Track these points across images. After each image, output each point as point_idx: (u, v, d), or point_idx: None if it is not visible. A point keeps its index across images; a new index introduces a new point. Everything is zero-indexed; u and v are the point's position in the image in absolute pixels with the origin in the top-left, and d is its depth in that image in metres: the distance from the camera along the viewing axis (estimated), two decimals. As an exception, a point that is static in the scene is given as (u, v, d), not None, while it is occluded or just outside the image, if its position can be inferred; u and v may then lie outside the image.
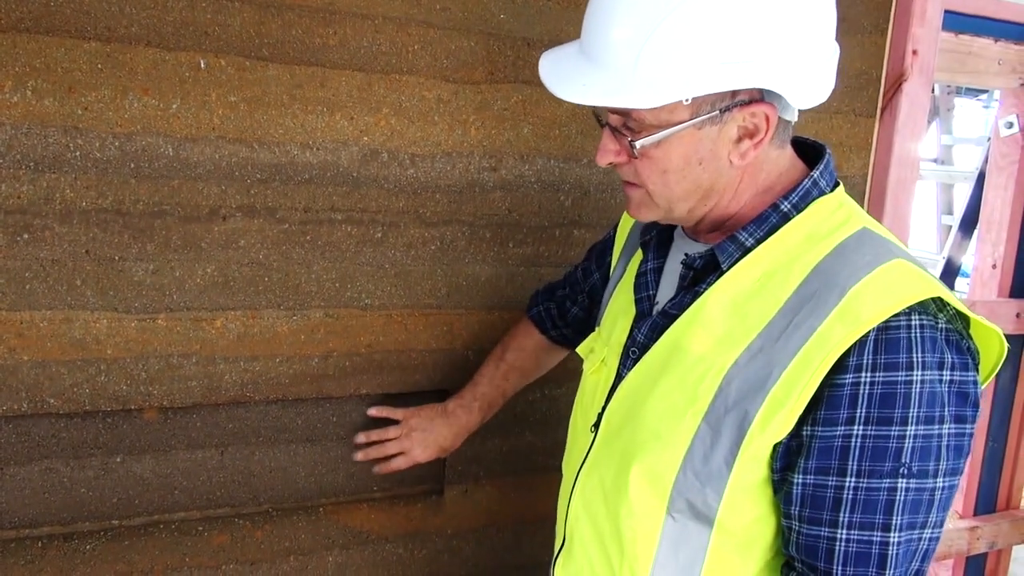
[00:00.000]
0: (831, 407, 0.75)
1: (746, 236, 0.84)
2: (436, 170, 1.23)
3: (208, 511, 1.21)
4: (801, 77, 0.79)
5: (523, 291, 1.33)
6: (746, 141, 0.81)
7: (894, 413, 0.74)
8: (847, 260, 0.78)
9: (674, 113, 0.78)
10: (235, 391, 1.18)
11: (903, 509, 0.75)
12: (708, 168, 0.82)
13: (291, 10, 1.11)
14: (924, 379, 0.74)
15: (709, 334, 0.82)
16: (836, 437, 0.75)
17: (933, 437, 0.74)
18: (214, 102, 1.09)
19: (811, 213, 0.83)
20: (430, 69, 1.20)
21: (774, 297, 0.80)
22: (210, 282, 1.13)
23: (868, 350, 0.74)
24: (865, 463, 0.75)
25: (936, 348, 0.74)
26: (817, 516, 0.77)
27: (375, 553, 1.32)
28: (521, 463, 1.40)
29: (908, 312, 0.74)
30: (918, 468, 0.74)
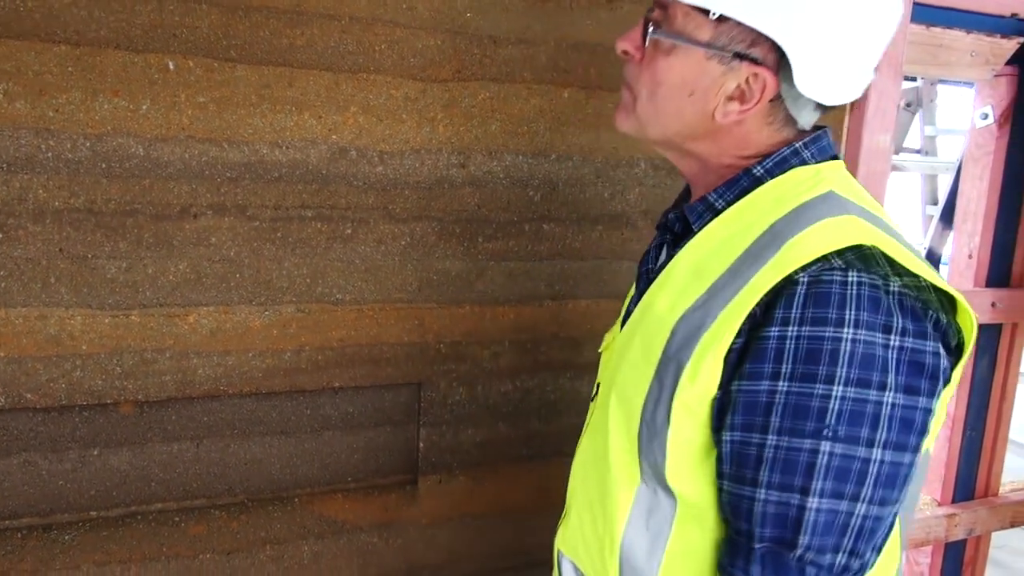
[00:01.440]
0: (756, 360, 0.73)
1: (715, 197, 0.85)
2: (405, 167, 1.26)
3: (184, 502, 1.24)
4: (821, 63, 0.78)
5: (493, 285, 1.36)
6: (735, 103, 0.81)
7: (819, 370, 0.70)
8: (799, 218, 0.77)
9: (698, 30, 0.79)
10: (209, 385, 1.20)
11: (825, 474, 0.71)
12: (694, 106, 0.82)
13: (258, 12, 1.13)
14: (857, 338, 0.70)
15: (672, 292, 0.83)
16: (760, 392, 0.73)
17: (867, 403, 0.70)
18: (183, 103, 1.12)
19: (785, 179, 0.82)
20: (397, 68, 1.22)
21: (729, 254, 0.79)
22: (182, 279, 1.16)
23: (797, 303, 0.71)
24: (787, 420, 0.72)
25: (879, 308, 0.71)
26: (741, 474, 0.75)
27: (350, 542, 1.35)
28: (495, 453, 1.43)
29: (845, 267, 0.71)
30: (845, 433, 0.70)
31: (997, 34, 1.79)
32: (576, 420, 1.47)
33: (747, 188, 0.84)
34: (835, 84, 0.80)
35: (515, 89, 1.31)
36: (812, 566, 0.73)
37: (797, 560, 0.73)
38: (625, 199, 1.43)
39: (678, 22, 0.80)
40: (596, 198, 1.42)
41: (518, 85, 1.31)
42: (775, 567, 0.74)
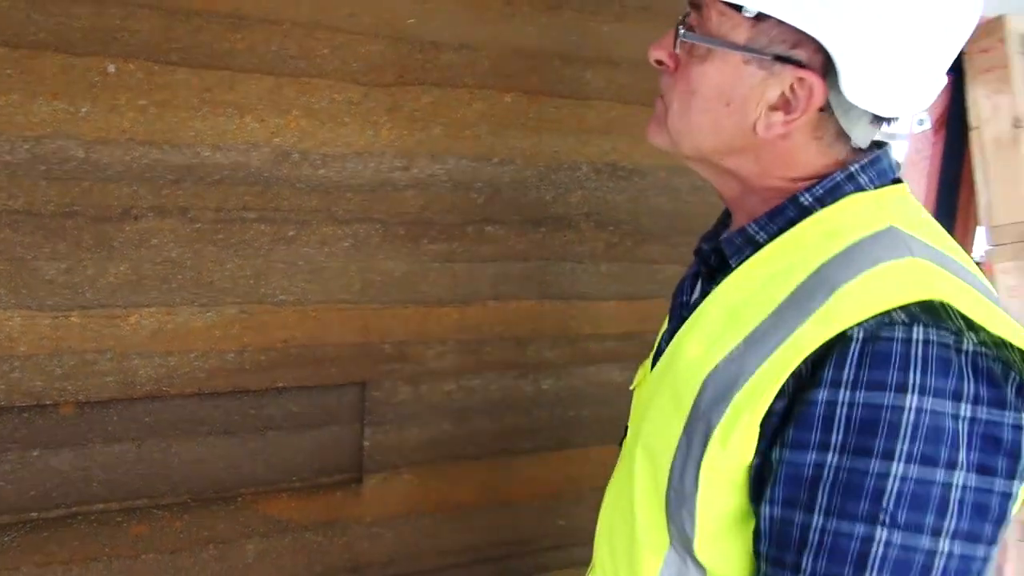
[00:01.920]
0: (802, 427, 0.63)
1: (756, 229, 0.75)
2: (348, 170, 1.28)
3: (127, 502, 1.25)
4: (873, 67, 0.68)
5: (437, 286, 1.38)
6: (779, 113, 0.71)
7: (875, 443, 0.60)
8: (854, 258, 0.66)
9: (734, 31, 0.71)
10: (151, 386, 1.21)
11: (880, 567, 0.60)
12: (732, 117, 0.73)
13: (199, 16, 1.14)
14: (923, 408, 0.60)
15: (704, 336, 0.73)
16: (806, 465, 0.63)
17: (933, 484, 0.59)
18: (124, 105, 1.12)
19: (838, 209, 0.72)
20: (339, 72, 1.24)
21: (771, 297, 0.69)
22: (123, 280, 1.17)
23: (851, 363, 0.61)
24: (836, 500, 0.61)
25: (949, 372, 0.60)
26: (782, 558, 0.64)
27: (295, 541, 1.37)
28: (438, 452, 1.45)
29: (908, 321, 0.61)
30: (906, 519, 0.59)
31: (931, 44, 1.86)
32: (520, 419, 1.51)
33: (793, 219, 0.73)
34: (891, 92, 0.69)
35: (458, 94, 1.33)
36: None
37: None
38: (567, 202, 1.47)
39: (713, 23, 0.72)
40: (539, 201, 1.45)
41: (460, 90, 1.33)
42: None
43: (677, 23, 0.75)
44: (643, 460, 0.76)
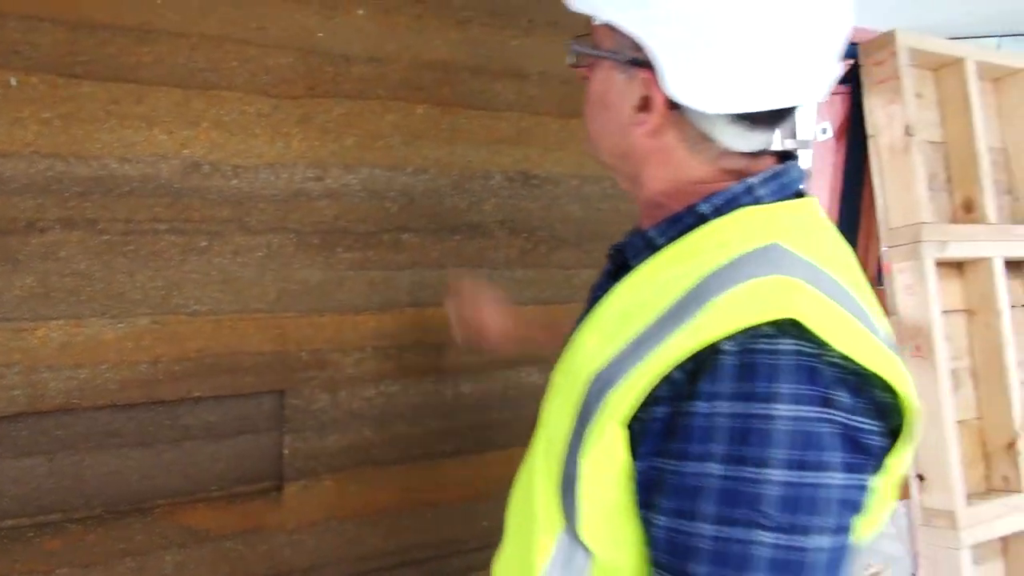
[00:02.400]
0: (683, 439, 0.65)
1: (656, 234, 0.78)
2: (260, 180, 1.30)
3: (38, 517, 1.24)
4: (695, 65, 0.70)
5: (354, 294, 1.41)
6: (642, 114, 0.75)
7: (749, 452, 0.63)
8: (733, 272, 0.68)
9: (605, 39, 0.76)
10: (61, 398, 1.21)
11: (767, 567, 0.63)
12: (613, 120, 0.78)
13: (104, 29, 1.15)
14: (795, 415, 0.63)
15: (599, 333, 0.75)
16: (689, 475, 0.65)
17: (805, 486, 0.63)
18: (27, 118, 1.12)
19: (731, 220, 0.74)
20: (249, 85, 1.26)
21: (659, 303, 0.71)
22: (29, 293, 1.16)
23: (723, 376, 0.64)
24: (721, 508, 0.64)
25: (817, 380, 0.64)
26: (675, 566, 0.67)
27: (214, 550, 1.37)
28: (359, 458, 1.47)
29: (776, 335, 0.64)
30: (785, 522, 0.63)
31: (829, 56, 1.96)
32: (440, 423, 1.54)
33: (691, 226, 0.75)
34: (716, 89, 0.71)
35: (369, 105, 1.37)
36: None
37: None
38: (481, 210, 1.51)
39: (597, 36, 0.78)
40: (453, 209, 1.48)
41: (372, 102, 1.37)
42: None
43: None
44: (543, 447, 0.80)
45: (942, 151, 2.08)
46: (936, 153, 2.08)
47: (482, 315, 1.28)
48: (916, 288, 1.91)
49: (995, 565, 2.06)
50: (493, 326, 1.27)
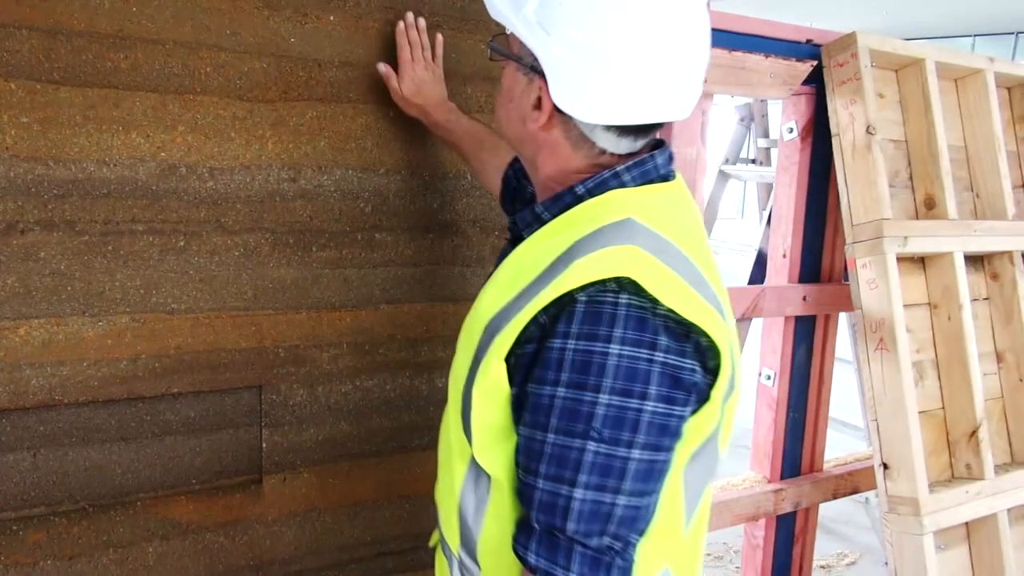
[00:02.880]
0: (542, 367, 0.83)
1: (542, 209, 0.95)
2: (236, 182, 1.34)
3: (23, 511, 1.27)
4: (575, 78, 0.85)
5: (329, 291, 1.45)
6: (536, 112, 0.91)
7: (588, 380, 0.80)
8: (593, 241, 0.84)
9: (512, 44, 0.94)
10: (43, 395, 1.24)
11: (592, 469, 0.81)
12: (514, 112, 0.95)
13: (80, 36, 1.19)
14: (623, 354, 0.80)
15: (494, 292, 0.92)
16: (544, 395, 0.83)
17: (629, 409, 0.80)
18: (6, 123, 1.16)
19: (600, 200, 0.90)
20: (223, 89, 1.30)
21: (540, 264, 0.87)
22: (11, 293, 1.20)
23: (575, 319, 0.81)
24: (563, 422, 0.82)
25: (646, 328, 0.80)
26: (528, 466, 0.85)
27: (196, 542, 1.41)
28: (337, 451, 1.51)
29: (617, 291, 0.80)
30: (609, 435, 0.80)
31: (793, 58, 2.02)
32: (416, 417, 1.58)
33: (569, 204, 0.92)
34: (595, 104, 0.86)
35: (342, 108, 1.41)
36: (579, 546, 0.84)
37: (567, 540, 0.84)
38: (454, 209, 1.55)
39: (510, 39, 0.94)
40: (426, 208, 1.53)
41: (344, 105, 1.41)
42: (549, 546, 0.85)
43: None
44: (451, 388, 0.98)
45: (904, 149, 2.14)
46: (899, 151, 2.14)
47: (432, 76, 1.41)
48: (879, 283, 1.96)
49: (959, 551, 2.12)
50: (437, 90, 1.41)
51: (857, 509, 3.69)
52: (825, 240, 2.24)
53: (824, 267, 2.25)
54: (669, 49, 0.85)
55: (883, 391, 1.98)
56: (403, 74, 1.39)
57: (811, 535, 2.46)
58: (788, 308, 2.17)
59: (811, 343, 2.30)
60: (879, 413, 2.00)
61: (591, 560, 0.83)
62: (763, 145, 3.34)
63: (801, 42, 2.04)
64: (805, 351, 2.29)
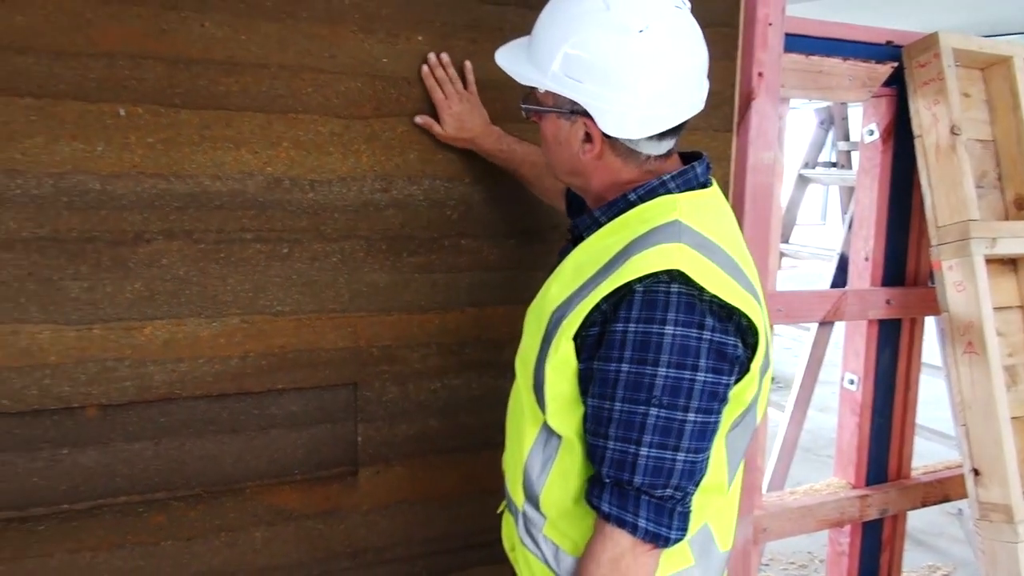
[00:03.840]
0: (607, 347, 0.99)
1: (600, 214, 1.10)
2: (333, 193, 1.44)
3: (147, 495, 1.40)
4: (616, 112, 1.02)
5: (419, 295, 1.54)
6: (588, 145, 1.08)
7: (648, 356, 0.96)
8: (647, 240, 1.01)
9: (545, 98, 1.10)
10: (165, 389, 1.37)
11: (654, 431, 0.97)
12: (565, 151, 1.10)
13: (198, 63, 1.31)
14: (677, 333, 0.95)
15: (560, 283, 1.09)
16: (610, 371, 0.98)
17: (684, 379, 0.96)
18: (134, 144, 1.29)
19: (650, 205, 1.06)
20: (323, 107, 1.41)
21: (600, 259, 1.04)
22: (138, 296, 1.33)
23: (634, 306, 0.97)
24: (628, 392, 0.97)
25: (694, 311, 0.96)
26: (597, 430, 1.01)
27: (298, 528, 1.51)
28: (426, 446, 1.60)
29: (668, 281, 0.96)
30: (668, 401, 0.96)
31: (872, 60, 2.01)
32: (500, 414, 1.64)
33: (623, 209, 1.08)
34: (636, 123, 1.03)
35: (430, 123, 1.50)
36: (645, 496, 0.99)
37: (635, 491, 0.99)
38: (535, 216, 1.62)
39: (538, 95, 1.11)
40: (509, 216, 1.60)
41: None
42: (619, 496, 1.00)
43: None
44: (520, 366, 1.16)
45: (992, 149, 2.10)
46: (986, 151, 2.10)
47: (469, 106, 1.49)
48: (966, 285, 1.94)
49: (1057, 560, 2.05)
50: (479, 118, 1.49)
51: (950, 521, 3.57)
52: (909, 243, 2.21)
53: (908, 270, 2.23)
54: (681, 60, 1.03)
55: (972, 395, 1.94)
56: (442, 114, 1.47)
57: (899, 543, 2.41)
58: (871, 312, 2.15)
59: (896, 347, 2.27)
60: (968, 418, 1.97)
61: (655, 507, 0.99)
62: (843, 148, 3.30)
63: (881, 44, 2.03)
64: (890, 355, 2.26)
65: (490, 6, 1.51)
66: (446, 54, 1.47)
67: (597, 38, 1.00)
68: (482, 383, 1.63)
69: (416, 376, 1.57)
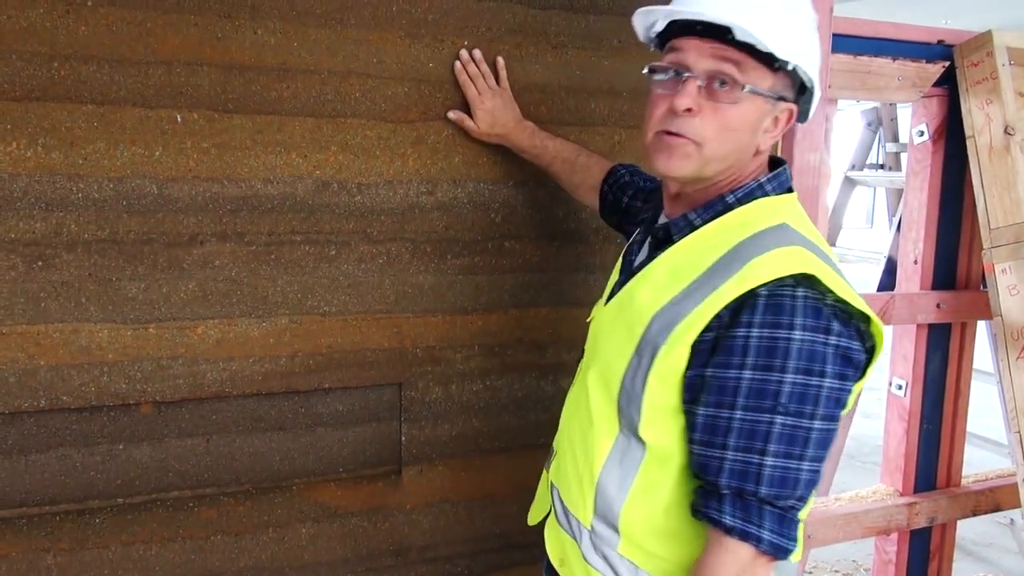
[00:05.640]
0: (726, 353, 0.94)
1: (695, 216, 1.07)
2: (380, 196, 1.46)
3: (197, 490, 1.44)
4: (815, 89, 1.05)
5: (462, 296, 1.55)
6: (769, 132, 1.04)
7: (774, 362, 0.92)
8: (759, 243, 0.98)
9: (763, 80, 1.00)
10: (216, 387, 1.41)
11: (780, 439, 0.93)
12: (751, 139, 1.03)
13: (250, 70, 1.35)
14: (804, 339, 0.92)
15: (651, 288, 1.05)
16: (730, 378, 0.94)
17: (811, 386, 0.92)
18: (189, 148, 1.33)
19: (750, 207, 1.04)
20: (370, 112, 1.43)
21: (701, 264, 1.00)
22: (191, 296, 1.37)
23: (758, 311, 0.93)
24: (751, 400, 0.93)
25: (821, 316, 0.93)
26: (712, 440, 0.96)
27: (343, 525, 1.54)
28: (468, 446, 1.61)
29: (794, 285, 0.93)
30: (795, 408, 0.92)
31: (923, 59, 1.98)
32: (542, 416, 1.66)
33: (720, 212, 1.05)
34: (817, 96, 1.06)
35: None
36: (769, 506, 0.95)
37: (758, 502, 0.95)
38: (578, 218, 1.63)
39: (750, 75, 0.99)
40: (552, 218, 1.61)
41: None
42: (742, 508, 0.96)
43: (683, 76, 1.01)
44: (597, 375, 1.10)
45: (1047, 149, 2.05)
46: (1041, 151, 2.05)
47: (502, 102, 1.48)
48: (1020, 288, 1.89)
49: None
50: (511, 114, 1.48)
51: (1002, 532, 3.48)
52: (960, 245, 2.17)
53: (960, 273, 2.18)
54: None
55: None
56: (475, 110, 1.47)
57: (948, 553, 2.36)
58: (920, 315, 2.12)
59: (946, 352, 2.23)
60: (1022, 424, 1.92)
61: (779, 518, 0.95)
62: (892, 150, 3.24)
63: (932, 43, 2.00)
64: (940, 360, 2.22)
65: (535, 11, 1.52)
66: (478, 50, 1.48)
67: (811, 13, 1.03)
68: (524, 384, 1.64)
69: (459, 377, 1.59)
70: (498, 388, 1.62)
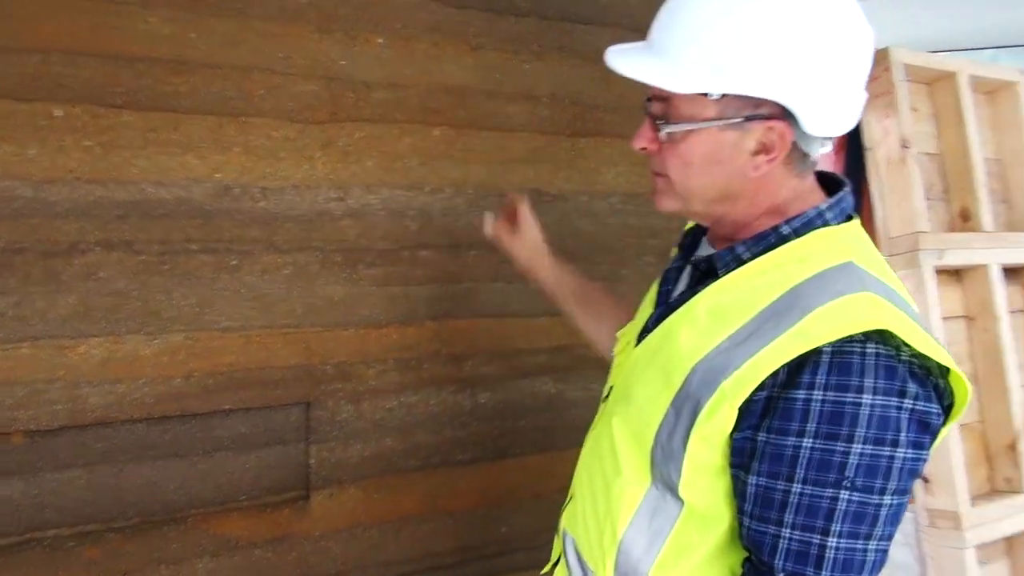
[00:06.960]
0: (784, 418, 0.82)
1: (743, 249, 0.91)
2: (286, 202, 1.36)
3: (79, 527, 1.29)
4: (820, 106, 0.85)
5: (375, 308, 1.47)
6: (761, 156, 0.88)
7: (841, 430, 0.80)
8: (822, 286, 0.84)
9: (704, 110, 0.87)
10: (100, 412, 1.27)
11: (844, 518, 0.80)
12: (725, 171, 0.89)
13: (141, 61, 1.22)
14: (876, 403, 0.80)
15: (693, 329, 0.90)
16: (787, 446, 0.82)
17: (882, 457, 0.80)
18: (70, 147, 1.19)
19: (808, 240, 0.89)
20: (276, 111, 1.33)
21: (752, 306, 0.86)
22: (72, 312, 1.22)
23: (820, 370, 0.80)
24: (812, 472, 0.81)
25: (895, 376, 0.80)
26: (766, 515, 0.84)
27: (245, 558, 1.42)
28: (382, 466, 1.52)
29: (864, 340, 0.80)
30: (863, 483, 0.80)
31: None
32: (459, 432, 1.60)
33: (773, 244, 0.90)
34: (837, 116, 0.88)
35: (388, 129, 1.43)
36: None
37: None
38: (496, 226, 1.57)
39: (683, 109, 0.88)
40: (469, 226, 1.55)
41: (391, 125, 1.43)
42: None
43: (647, 113, 0.92)
44: (624, 422, 0.97)
45: (939, 162, 2.14)
46: (933, 164, 2.14)
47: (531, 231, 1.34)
48: (916, 295, 1.96)
49: (1000, 565, 2.10)
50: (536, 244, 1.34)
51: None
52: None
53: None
54: (857, 50, 0.88)
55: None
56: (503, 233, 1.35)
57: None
58: None
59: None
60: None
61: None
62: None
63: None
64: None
65: (452, 9, 1.46)
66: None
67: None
68: (440, 399, 1.57)
69: (372, 393, 1.50)
70: (413, 404, 1.54)
